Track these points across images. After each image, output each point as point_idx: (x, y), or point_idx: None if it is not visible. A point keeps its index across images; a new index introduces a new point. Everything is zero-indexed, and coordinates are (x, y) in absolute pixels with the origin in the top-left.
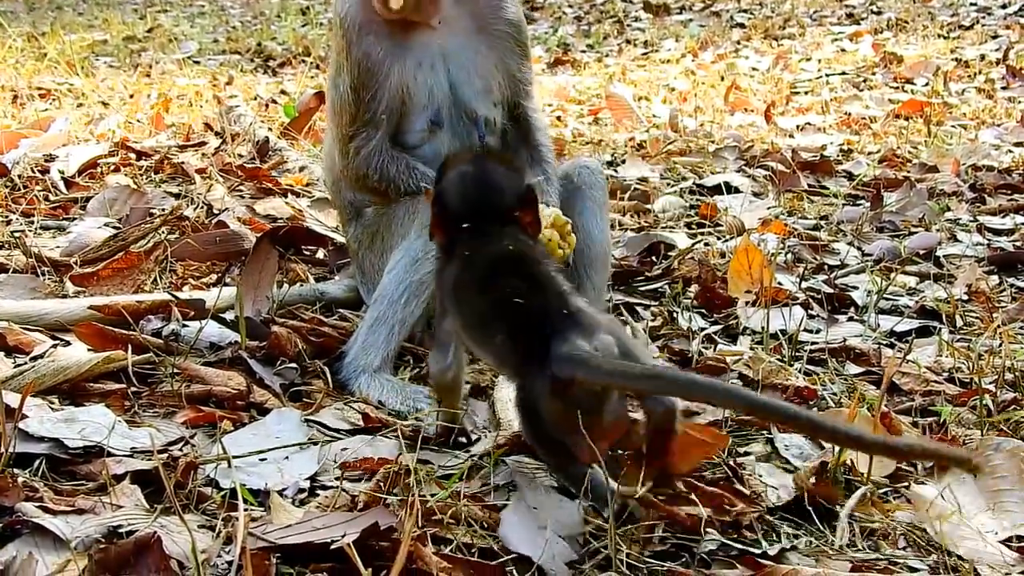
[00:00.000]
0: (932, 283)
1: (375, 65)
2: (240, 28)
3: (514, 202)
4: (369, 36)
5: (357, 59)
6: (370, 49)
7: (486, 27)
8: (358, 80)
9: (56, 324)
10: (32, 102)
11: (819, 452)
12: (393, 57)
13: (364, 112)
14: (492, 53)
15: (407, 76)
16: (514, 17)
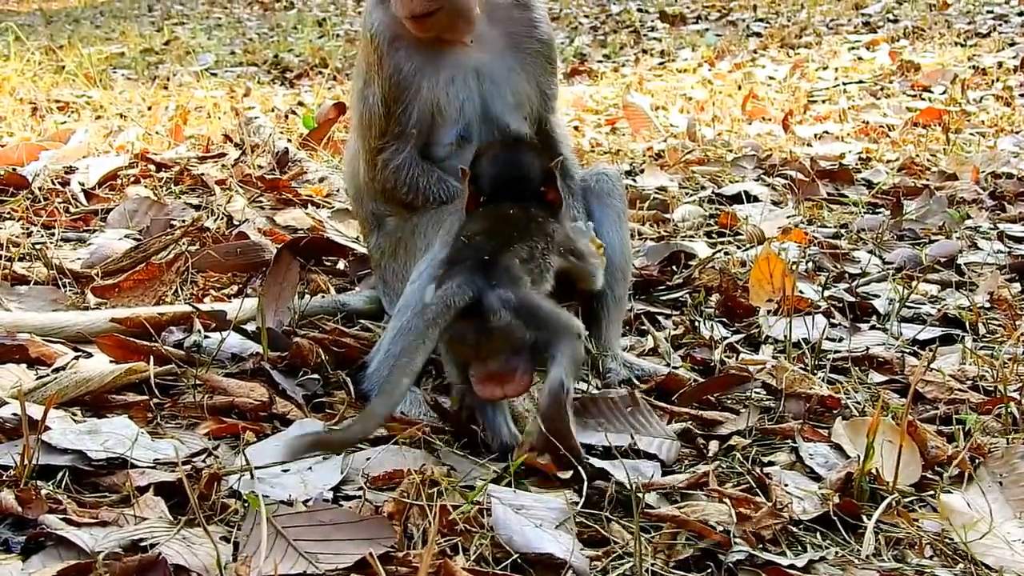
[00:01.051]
0: (954, 291)
1: (406, 79)
2: (257, 40)
3: (539, 180)
4: (400, 51)
5: (388, 73)
6: (401, 63)
7: (519, 44)
8: (389, 94)
9: (78, 336)
10: (51, 114)
11: (844, 461)
12: (424, 72)
13: (395, 125)
14: (524, 70)
15: (438, 91)
16: (546, 35)
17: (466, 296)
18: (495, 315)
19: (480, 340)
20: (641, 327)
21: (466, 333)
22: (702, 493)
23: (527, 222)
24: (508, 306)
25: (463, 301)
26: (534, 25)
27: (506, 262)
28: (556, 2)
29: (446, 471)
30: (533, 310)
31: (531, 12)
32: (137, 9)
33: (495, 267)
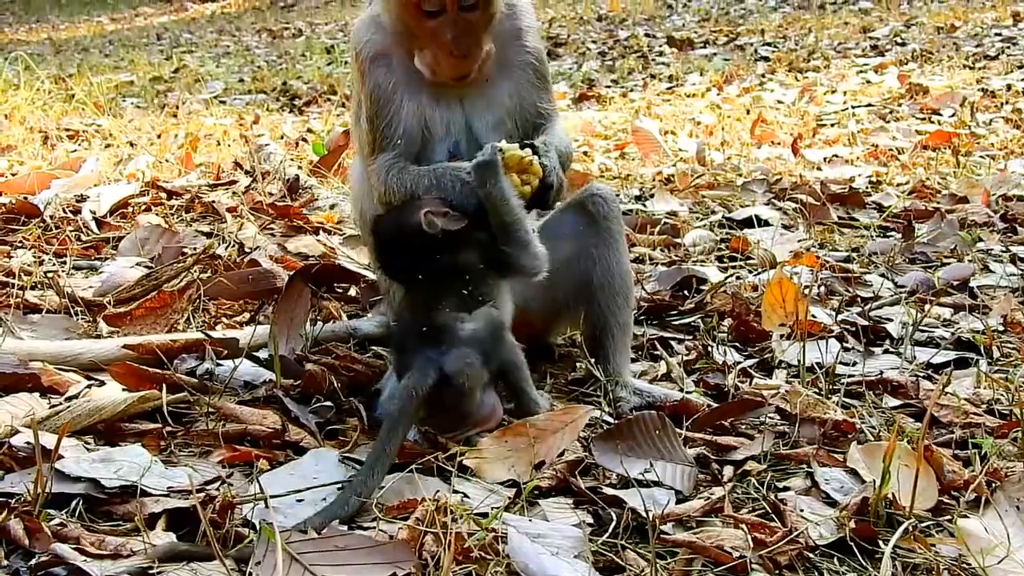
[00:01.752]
0: (967, 314)
1: (387, 94)
2: (265, 67)
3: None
4: (381, 67)
5: (369, 89)
6: (381, 79)
7: (507, 59)
8: (371, 109)
9: (90, 364)
10: (61, 143)
11: (860, 486)
12: (407, 88)
13: (381, 139)
14: (508, 84)
15: (424, 107)
16: (534, 47)
17: (428, 379)
18: (461, 375)
19: (456, 400)
20: (653, 352)
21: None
22: (717, 519)
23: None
24: (470, 362)
25: (429, 383)
26: (522, 36)
27: (440, 322)
28: (564, 28)
29: (460, 499)
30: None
31: (519, 21)
32: (146, 38)
33: (440, 334)
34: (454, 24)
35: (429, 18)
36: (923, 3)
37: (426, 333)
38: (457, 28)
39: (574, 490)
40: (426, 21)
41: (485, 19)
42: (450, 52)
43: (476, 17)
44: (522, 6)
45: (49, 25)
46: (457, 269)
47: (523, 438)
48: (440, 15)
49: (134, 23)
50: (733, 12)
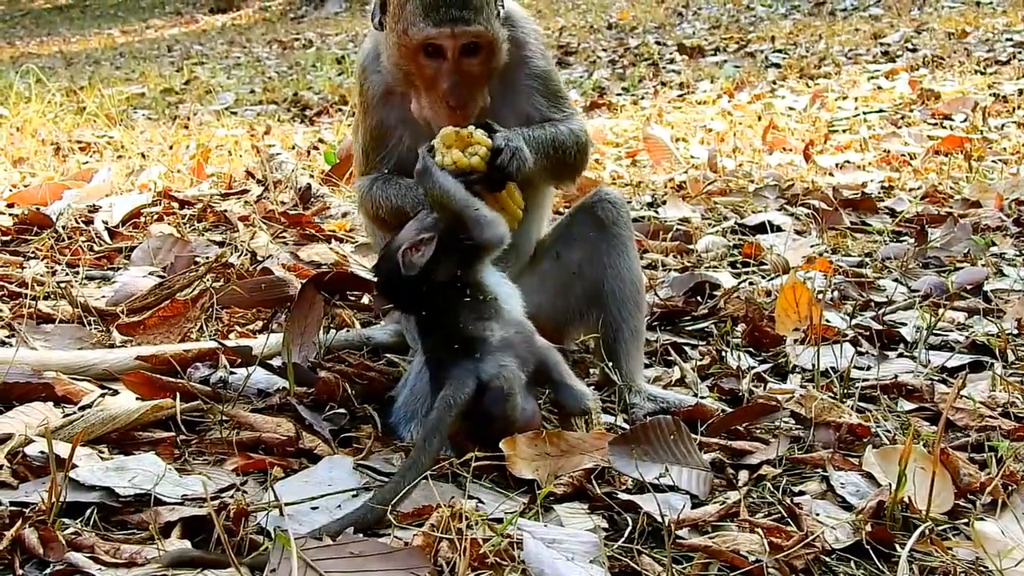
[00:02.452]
0: (981, 318)
1: (388, 131)
2: (276, 78)
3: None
4: (387, 107)
5: (371, 125)
6: (384, 117)
7: (513, 85)
8: (370, 143)
9: (104, 374)
10: (73, 155)
11: (876, 490)
12: (406, 126)
13: (373, 166)
14: (513, 110)
15: (420, 142)
16: (540, 70)
17: (467, 388)
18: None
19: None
20: (667, 358)
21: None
22: (733, 523)
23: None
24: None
25: (467, 392)
26: (526, 62)
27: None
28: (574, 36)
29: (474, 505)
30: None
31: (523, 48)
32: (157, 50)
33: (467, 344)
34: (453, 71)
35: (429, 60)
36: (934, 9)
37: (458, 348)
38: (456, 75)
39: (589, 495)
40: (426, 66)
41: (484, 68)
42: (446, 102)
43: (477, 66)
44: (526, 30)
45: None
46: (455, 281)
47: (554, 447)
48: (440, 59)
49: (145, 35)
50: (743, 19)
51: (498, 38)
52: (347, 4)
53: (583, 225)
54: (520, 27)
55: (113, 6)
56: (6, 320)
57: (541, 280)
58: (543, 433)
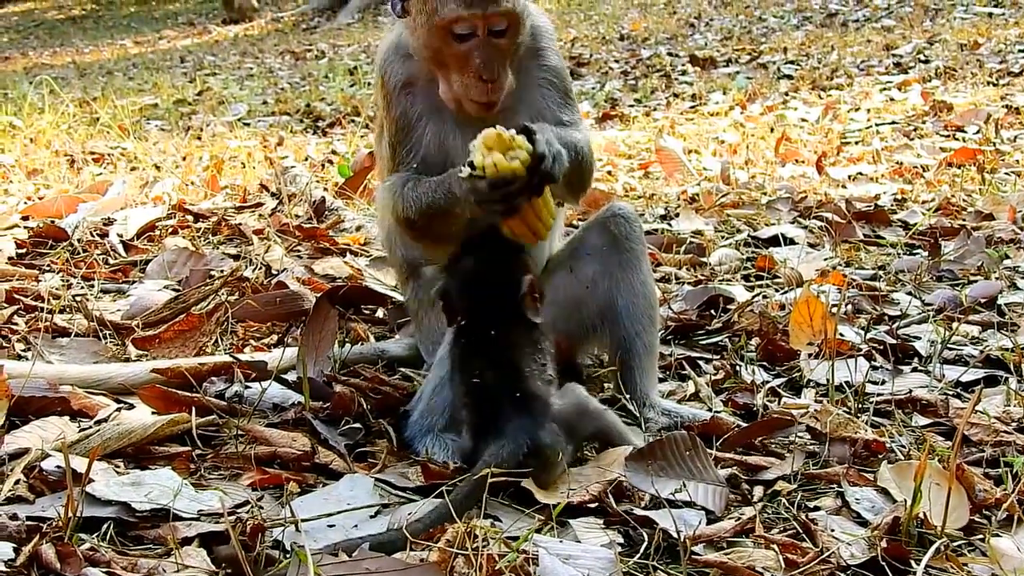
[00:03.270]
0: (995, 332)
1: (411, 122)
2: (289, 89)
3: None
4: (409, 96)
5: (395, 116)
6: (408, 108)
7: (527, 78)
8: (395, 137)
9: (120, 387)
10: (87, 166)
11: (891, 506)
12: (432, 116)
13: (399, 162)
14: (529, 106)
15: (447, 136)
16: (554, 64)
17: (522, 450)
18: (553, 450)
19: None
20: (681, 372)
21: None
22: (749, 539)
23: (519, 339)
24: (559, 436)
25: (521, 455)
26: (541, 54)
27: (534, 391)
28: (586, 47)
29: (490, 522)
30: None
31: (538, 41)
32: (169, 61)
33: (529, 402)
34: (483, 48)
35: (459, 42)
36: (946, 20)
37: (518, 399)
38: (486, 53)
39: (608, 511)
40: (456, 46)
41: (512, 46)
42: (479, 76)
43: (505, 43)
44: (541, 26)
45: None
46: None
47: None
48: (470, 39)
49: (158, 46)
50: (755, 30)
51: (524, 14)
52: (360, 15)
53: (596, 240)
54: (535, 20)
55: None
56: (22, 334)
57: (554, 294)
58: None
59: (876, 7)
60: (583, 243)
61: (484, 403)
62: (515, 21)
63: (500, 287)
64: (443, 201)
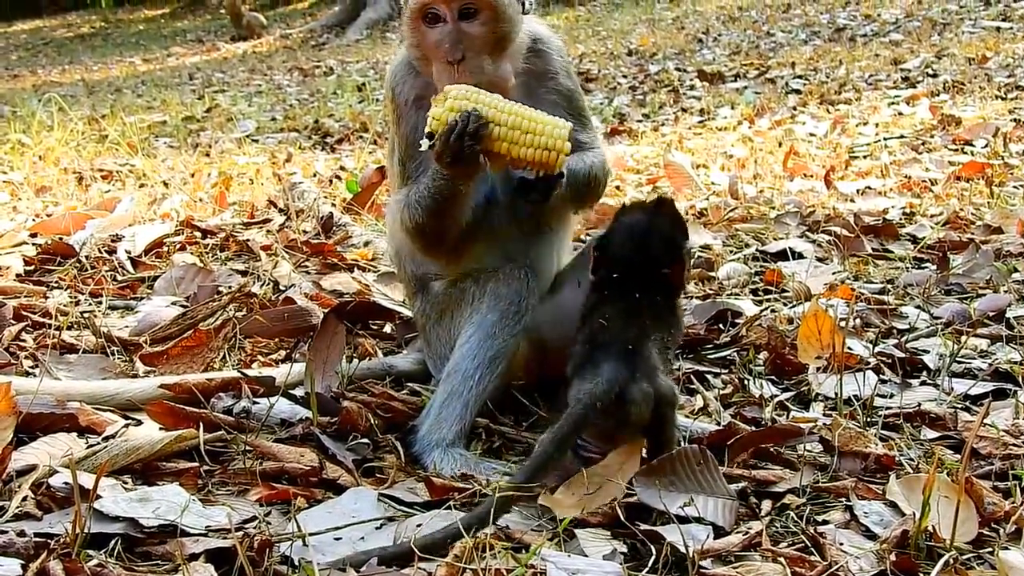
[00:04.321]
0: (1004, 345)
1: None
2: (297, 106)
3: (666, 261)
4: (418, 111)
5: (405, 132)
6: (418, 123)
7: (536, 96)
8: (405, 153)
9: (127, 404)
10: (96, 183)
11: (900, 519)
12: None
13: (408, 180)
14: None
15: None
16: (565, 87)
17: (612, 394)
18: (635, 407)
19: (613, 423)
20: (690, 386)
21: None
22: (757, 553)
23: (657, 311)
24: (648, 400)
25: (609, 399)
26: (551, 76)
27: (647, 353)
28: (594, 63)
29: (500, 532)
30: (661, 402)
31: (548, 64)
32: (178, 78)
33: (637, 358)
34: (452, 32)
35: (430, 27)
36: (954, 34)
37: (629, 353)
38: (454, 36)
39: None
40: (428, 32)
41: (489, 35)
42: (445, 59)
43: (477, 29)
44: (551, 48)
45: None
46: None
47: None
48: (440, 23)
49: (166, 63)
50: (763, 45)
51: (499, 1)
52: (368, 32)
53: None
54: (544, 43)
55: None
56: (30, 350)
57: (563, 307)
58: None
59: (884, 21)
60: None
61: (599, 346)
62: (485, 5)
63: (657, 253)
64: (435, 184)
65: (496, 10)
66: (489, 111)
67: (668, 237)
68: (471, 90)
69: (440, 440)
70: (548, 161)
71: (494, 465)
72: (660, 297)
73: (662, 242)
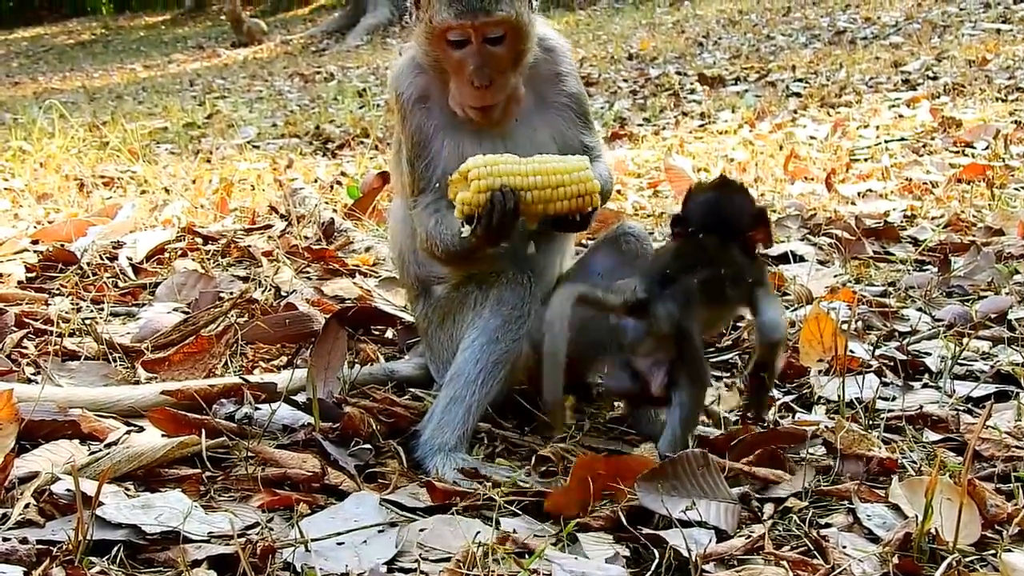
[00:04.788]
0: (1006, 347)
1: (427, 137)
2: (298, 112)
3: (746, 224)
4: (424, 110)
5: (411, 131)
6: (423, 121)
7: (546, 99)
8: (412, 152)
9: (129, 410)
10: (97, 190)
11: (903, 522)
12: (448, 131)
13: (420, 180)
14: (549, 127)
15: (464, 150)
16: (573, 88)
17: (638, 295)
18: (656, 322)
19: (634, 338)
20: None
21: (626, 326)
22: (759, 556)
23: (718, 251)
24: (670, 322)
25: (633, 297)
26: (560, 79)
27: (685, 283)
28: (595, 67)
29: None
30: (685, 339)
31: (557, 66)
32: (179, 84)
33: (673, 284)
34: (477, 54)
35: (455, 49)
36: (954, 37)
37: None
38: (480, 59)
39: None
40: (452, 52)
41: (511, 54)
42: (471, 82)
43: (502, 51)
44: (560, 51)
45: (83, 73)
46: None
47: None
48: (465, 46)
49: (167, 70)
50: (764, 49)
51: (523, 23)
52: (368, 37)
53: (606, 258)
54: (553, 45)
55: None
56: (32, 357)
57: None
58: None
59: (884, 24)
60: (593, 262)
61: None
62: (511, 29)
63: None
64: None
65: (520, 30)
66: (516, 180)
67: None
68: (490, 161)
69: (443, 445)
70: (583, 206)
71: (497, 469)
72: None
73: (745, 209)
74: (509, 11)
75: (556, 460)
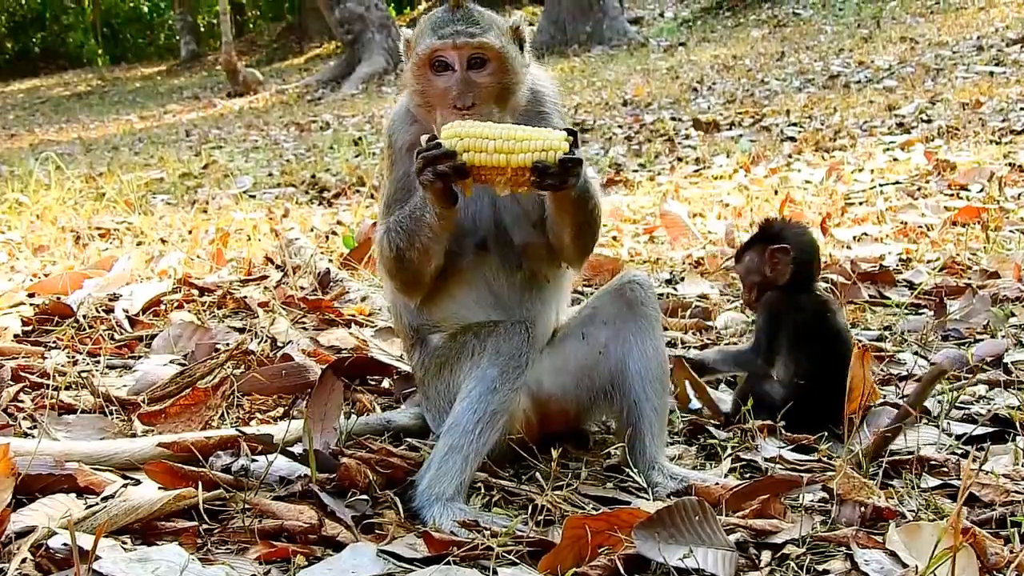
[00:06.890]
0: (1003, 390)
1: (412, 184)
2: (294, 161)
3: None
4: (412, 159)
5: (397, 176)
6: (410, 169)
7: None
8: (395, 196)
9: (126, 463)
10: (93, 242)
11: (901, 569)
12: None
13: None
14: None
15: None
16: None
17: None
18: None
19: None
20: (690, 436)
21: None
22: None
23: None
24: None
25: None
26: (543, 118)
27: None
28: (590, 113)
29: None
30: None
31: (541, 106)
32: (175, 135)
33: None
34: (461, 80)
35: (438, 74)
36: (947, 80)
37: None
38: (463, 85)
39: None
40: (436, 79)
41: (495, 85)
42: (454, 106)
43: (485, 79)
44: (546, 92)
45: (79, 125)
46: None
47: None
48: (448, 71)
49: (163, 120)
50: (758, 93)
51: (507, 54)
52: (364, 86)
53: (611, 306)
54: (540, 89)
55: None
56: (28, 411)
57: (565, 361)
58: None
59: (878, 68)
60: (598, 310)
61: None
62: (494, 56)
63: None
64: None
65: (504, 61)
66: (482, 130)
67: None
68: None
69: (440, 494)
70: (548, 158)
71: (495, 519)
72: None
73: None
74: (493, 41)
75: (553, 509)
